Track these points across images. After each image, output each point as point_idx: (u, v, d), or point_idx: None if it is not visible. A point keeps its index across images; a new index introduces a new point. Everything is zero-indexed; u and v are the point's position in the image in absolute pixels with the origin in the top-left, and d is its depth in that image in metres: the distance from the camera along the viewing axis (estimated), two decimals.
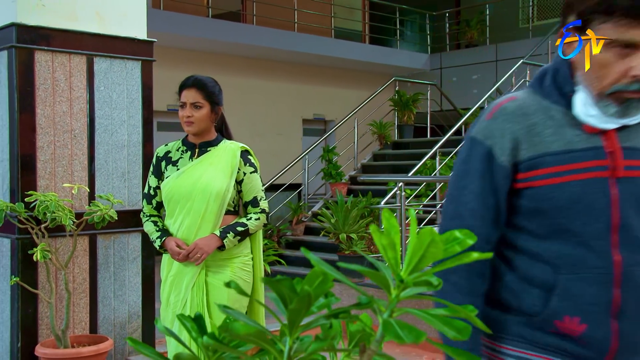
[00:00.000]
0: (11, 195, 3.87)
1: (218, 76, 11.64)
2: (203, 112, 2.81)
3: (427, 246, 0.64)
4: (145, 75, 4.29)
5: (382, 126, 9.54)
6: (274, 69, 11.44)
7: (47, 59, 3.91)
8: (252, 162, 2.87)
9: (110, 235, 4.16)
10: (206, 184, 2.76)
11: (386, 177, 6.91)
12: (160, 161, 2.92)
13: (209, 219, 2.75)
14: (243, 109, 11.02)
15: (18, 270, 3.81)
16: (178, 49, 10.01)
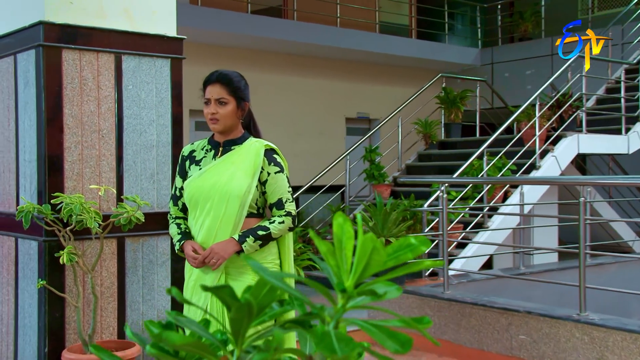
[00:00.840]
0: (38, 197, 3.94)
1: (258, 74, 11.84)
2: (228, 109, 2.78)
3: (369, 254, 0.60)
4: (174, 73, 4.32)
5: (428, 125, 9.43)
6: (316, 66, 11.43)
7: (74, 57, 3.97)
8: (277, 161, 2.82)
9: (138, 238, 4.19)
10: (225, 184, 2.73)
11: (427, 179, 6.80)
12: (185, 161, 2.92)
13: (228, 221, 2.72)
14: (283, 108, 11.04)
15: (45, 274, 3.87)
16: (217, 46, 10.09)
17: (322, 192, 8.85)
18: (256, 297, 0.67)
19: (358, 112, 12.22)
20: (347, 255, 0.61)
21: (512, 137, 8.11)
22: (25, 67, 4.05)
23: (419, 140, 9.65)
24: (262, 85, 10.75)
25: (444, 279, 5.25)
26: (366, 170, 8.74)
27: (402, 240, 0.65)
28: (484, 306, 4.81)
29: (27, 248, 4.06)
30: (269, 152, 2.83)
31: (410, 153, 9.76)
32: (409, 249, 0.64)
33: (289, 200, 2.81)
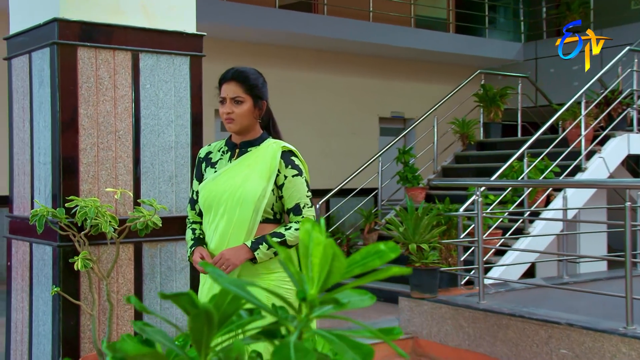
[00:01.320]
0: (53, 200, 3.97)
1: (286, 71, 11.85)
2: (244, 108, 2.76)
3: (331, 261, 0.58)
4: (194, 71, 4.32)
5: (465, 125, 9.32)
6: (348, 62, 11.39)
7: (90, 55, 3.99)
8: (295, 164, 2.80)
9: (156, 244, 4.20)
10: (238, 187, 2.72)
11: (462, 181, 6.71)
12: (201, 162, 2.92)
13: (241, 226, 2.70)
14: (313, 107, 11.03)
15: (59, 280, 3.90)
16: (243, 42, 10.13)
17: (353, 195, 8.81)
18: (219, 305, 0.65)
19: (392, 111, 12.15)
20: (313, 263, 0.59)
21: (555, 137, 7.96)
22: (40, 65, 4.09)
23: (456, 141, 9.55)
24: (290, 83, 10.76)
25: (479, 288, 5.16)
26: (399, 173, 8.68)
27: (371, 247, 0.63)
28: (522, 317, 4.72)
29: (41, 253, 4.10)
30: (287, 154, 2.81)
31: (446, 154, 9.66)
32: (377, 256, 0.62)
33: (307, 206, 2.78)
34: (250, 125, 2.82)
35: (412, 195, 8.38)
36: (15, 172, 4.42)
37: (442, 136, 9.42)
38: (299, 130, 10.74)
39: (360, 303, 0.66)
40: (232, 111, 2.75)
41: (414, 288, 5.33)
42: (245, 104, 2.77)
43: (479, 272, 5.16)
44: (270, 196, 2.74)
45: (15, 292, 4.40)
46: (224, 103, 2.77)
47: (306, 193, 2.80)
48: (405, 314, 5.42)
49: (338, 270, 0.59)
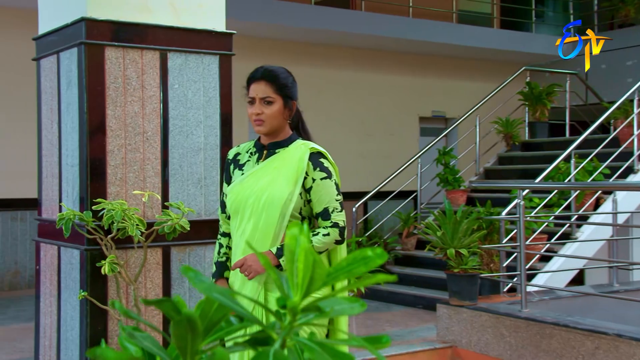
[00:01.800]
0: (80, 203, 4.06)
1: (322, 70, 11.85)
2: (274, 109, 2.76)
3: (312, 267, 0.60)
4: (223, 70, 4.38)
5: (510, 124, 9.24)
6: (386, 60, 11.39)
7: (117, 55, 4.08)
8: (324, 166, 2.78)
9: (185, 247, 4.27)
10: (264, 190, 2.73)
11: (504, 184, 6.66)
12: (230, 165, 2.94)
13: (266, 231, 2.71)
14: (350, 107, 11.04)
15: (87, 284, 3.99)
16: (275, 40, 10.19)
17: (392, 198, 8.80)
18: (206, 312, 0.67)
19: (433, 110, 12.10)
20: (299, 269, 0.61)
21: (605, 137, 7.84)
22: (68, 66, 4.19)
23: (499, 141, 9.46)
24: (326, 82, 10.79)
25: (521, 295, 5.12)
26: (439, 175, 8.64)
27: (358, 253, 0.65)
28: (566, 327, 4.67)
29: (69, 257, 4.20)
30: (315, 156, 2.79)
31: (489, 155, 9.58)
32: (363, 262, 0.64)
33: (336, 210, 2.76)
34: (279, 127, 2.82)
35: (452, 198, 8.34)
36: (44, 175, 4.54)
37: (485, 136, 9.35)
38: (335, 131, 10.76)
39: (349, 311, 0.68)
40: (262, 112, 2.75)
41: (452, 295, 5.31)
42: (275, 105, 2.77)
43: (521, 279, 5.12)
44: (298, 200, 2.74)
45: (44, 297, 4.51)
46: (253, 103, 2.77)
47: (335, 197, 2.78)
48: (444, 322, 5.40)
49: (320, 276, 0.61)
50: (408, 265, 8.09)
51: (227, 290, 0.67)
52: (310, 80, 10.50)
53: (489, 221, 6.55)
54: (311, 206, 2.79)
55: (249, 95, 2.79)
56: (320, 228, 2.74)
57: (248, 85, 2.81)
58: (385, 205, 9.09)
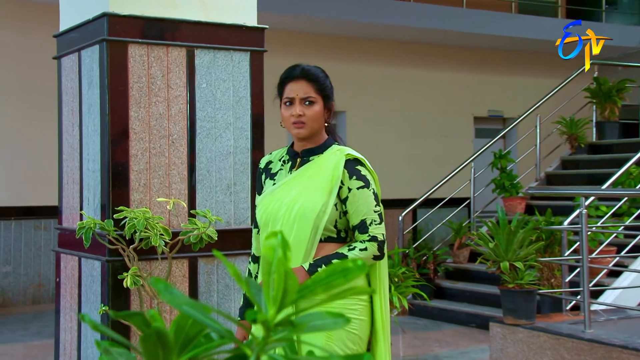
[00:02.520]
0: (102, 211, 4.13)
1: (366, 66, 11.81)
2: (316, 109, 2.76)
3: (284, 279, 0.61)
4: (255, 68, 4.41)
5: (574, 124, 9.11)
6: (436, 55, 11.33)
7: (141, 53, 4.14)
8: (361, 174, 2.76)
9: (213, 259, 4.31)
10: (295, 202, 2.72)
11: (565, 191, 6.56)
12: (261, 174, 2.95)
13: (298, 246, 2.70)
14: (397, 106, 11.01)
15: (108, 298, 4.05)
16: (313, 35, 10.23)
17: (443, 206, 8.75)
18: (182, 327, 0.68)
19: (489, 109, 11.99)
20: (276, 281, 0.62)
21: None
22: (90, 64, 4.28)
23: (563, 143, 9.34)
24: (370, 80, 10.79)
25: (584, 314, 5.04)
26: (495, 180, 8.56)
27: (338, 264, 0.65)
28: (636, 350, 4.58)
29: (89, 269, 4.27)
30: (351, 163, 2.77)
31: (551, 159, 9.46)
32: (342, 274, 0.64)
33: (374, 222, 2.72)
34: (319, 130, 2.82)
35: (509, 206, 8.25)
36: (65, 181, 4.63)
37: (546, 138, 9.24)
38: (380, 134, 10.75)
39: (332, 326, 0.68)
40: (303, 113, 2.75)
41: (507, 313, 5.25)
42: (316, 105, 2.77)
43: (584, 296, 5.04)
44: (333, 212, 2.72)
45: (64, 311, 4.60)
46: (292, 104, 2.77)
47: (374, 208, 2.75)
48: (497, 343, 5.34)
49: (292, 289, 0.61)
50: (460, 280, 8.03)
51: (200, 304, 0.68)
52: (352, 78, 10.51)
53: (550, 232, 6.47)
54: (347, 218, 2.76)
55: (286, 96, 2.78)
56: (357, 242, 2.72)
57: (283, 85, 2.81)
58: (435, 214, 9.04)
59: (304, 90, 2.77)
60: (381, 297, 2.81)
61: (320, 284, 0.65)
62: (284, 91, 2.81)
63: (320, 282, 0.66)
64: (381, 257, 2.76)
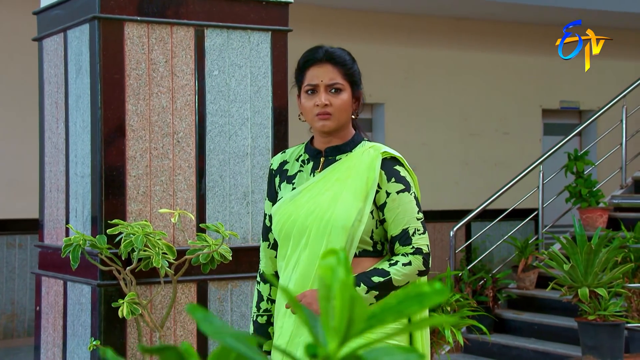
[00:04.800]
0: (92, 225, 4.19)
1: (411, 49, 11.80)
2: (344, 98, 2.81)
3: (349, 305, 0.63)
4: (277, 52, 4.45)
5: None
6: (496, 34, 11.31)
7: (140, 33, 4.20)
8: (400, 175, 2.81)
9: (226, 283, 4.34)
10: (326, 210, 2.76)
11: None
12: (274, 177, 2.99)
13: None
14: (447, 97, 11.00)
15: (100, 331, 4.10)
16: (346, 10, 10.25)
17: (504, 219, 8.72)
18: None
19: (562, 100, 11.93)
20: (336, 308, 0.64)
21: None
22: (78, 47, 4.34)
23: None
24: (415, 64, 10.79)
25: None
26: (569, 187, 8.51)
27: (412, 288, 0.67)
28: None
29: (77, 295, 4.33)
30: (389, 163, 2.83)
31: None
32: (416, 300, 0.66)
33: (418, 232, 2.78)
34: (346, 123, 2.87)
35: (587, 219, 8.20)
36: (47, 189, 4.69)
37: (634, 135, 9.17)
38: (428, 131, 10.73)
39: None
40: (330, 102, 2.79)
41: (587, 351, 5.23)
42: (344, 93, 2.82)
43: None
44: (369, 220, 2.77)
45: (45, 347, 4.65)
46: (315, 92, 2.81)
47: (416, 215, 2.81)
48: None
49: (360, 317, 0.64)
50: (526, 310, 7.99)
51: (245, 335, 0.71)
52: (393, 63, 10.51)
53: (638, 251, 6.43)
54: (385, 228, 2.82)
55: (308, 83, 2.83)
56: (399, 256, 2.77)
57: (303, 70, 2.86)
58: (494, 228, 9.01)
59: (329, 75, 2.81)
60: None
61: (390, 311, 0.67)
62: (304, 77, 2.85)
63: (390, 310, 0.67)
64: (426, 273, 2.81)
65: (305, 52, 2.89)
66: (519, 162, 10.48)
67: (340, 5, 10.18)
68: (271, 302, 2.98)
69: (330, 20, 10.10)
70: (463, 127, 11.10)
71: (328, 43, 2.98)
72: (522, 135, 11.51)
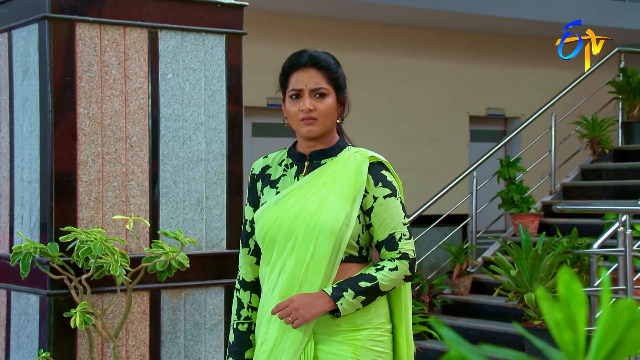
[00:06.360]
0: (41, 232, 4.08)
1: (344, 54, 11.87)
2: (329, 103, 2.83)
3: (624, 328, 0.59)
4: (232, 55, 4.42)
5: (597, 125, 9.24)
6: (425, 41, 11.42)
7: (93, 34, 4.11)
8: (387, 180, 2.84)
9: (179, 291, 4.28)
10: (312, 214, 2.76)
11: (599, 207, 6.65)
12: (256, 182, 2.97)
13: (317, 267, 2.74)
14: (379, 103, 11.06)
15: (49, 342, 4.00)
16: (282, 16, 10.23)
17: (437, 225, 8.78)
18: None
19: (488, 107, 12.11)
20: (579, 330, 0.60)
21: None
22: (25, 48, 4.22)
23: (583, 148, 9.45)
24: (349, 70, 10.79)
25: None
26: (502, 193, 8.62)
27: None
28: None
29: (23, 305, 4.21)
30: (376, 168, 2.85)
31: (568, 167, 9.58)
32: None
33: (404, 237, 2.81)
34: (331, 128, 2.89)
35: (519, 224, 8.32)
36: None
37: (562, 142, 9.35)
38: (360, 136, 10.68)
39: None
40: (315, 107, 2.80)
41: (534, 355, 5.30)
42: (329, 98, 2.84)
43: None
44: (355, 225, 2.78)
45: None
46: (300, 97, 2.82)
47: (403, 220, 2.83)
48: None
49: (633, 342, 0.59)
50: (461, 315, 8.06)
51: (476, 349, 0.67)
52: None
53: (576, 257, 6.55)
54: (371, 232, 2.83)
55: (292, 88, 2.84)
56: (385, 261, 2.79)
57: (287, 75, 2.87)
58: (428, 235, 9.07)
59: (314, 80, 2.83)
60: (407, 328, 2.90)
61: None
62: (288, 82, 2.87)
63: None
64: (412, 278, 2.85)
65: (290, 56, 2.91)
66: (447, 168, 10.60)
67: (304, 13, 10.16)
68: (252, 309, 2.94)
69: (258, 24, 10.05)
70: (393, 133, 11.16)
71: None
72: (450, 141, 11.63)
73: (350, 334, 2.77)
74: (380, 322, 2.82)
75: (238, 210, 4.40)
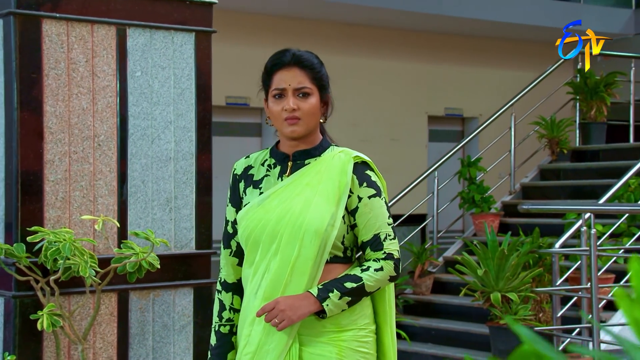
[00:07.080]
0: (7, 233, 4.02)
1: None
2: (313, 102, 2.83)
3: None
4: (201, 53, 4.41)
5: (555, 126, 9.32)
6: (384, 40, 11.44)
7: (60, 31, 4.07)
8: (371, 180, 2.85)
9: (147, 292, 4.25)
10: (297, 215, 2.75)
11: (565, 207, 6.71)
12: (238, 182, 2.95)
13: (302, 268, 2.74)
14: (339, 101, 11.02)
15: (14, 345, 3.94)
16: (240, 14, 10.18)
17: (398, 225, 8.81)
18: None
19: (446, 107, 12.17)
20: None
21: None
22: None
23: (542, 149, 9.54)
24: None
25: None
26: (463, 193, 8.67)
27: None
28: None
29: None
30: (360, 168, 2.85)
31: (527, 167, 9.66)
32: None
33: (389, 237, 2.82)
34: (315, 127, 2.88)
35: (480, 224, 8.36)
36: None
37: (522, 142, 9.42)
38: None
39: None
40: (298, 107, 2.79)
41: (499, 355, 5.33)
42: (312, 97, 2.83)
43: (594, 334, 5.15)
44: (340, 225, 2.78)
45: None
46: (283, 96, 2.81)
47: (387, 220, 2.85)
48: None
49: None
50: (423, 315, 8.08)
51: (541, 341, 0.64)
52: None
53: (538, 257, 6.59)
54: (355, 233, 2.83)
55: (276, 87, 2.82)
56: (370, 261, 2.79)
57: (270, 74, 2.85)
58: None
59: (297, 79, 2.82)
60: (391, 328, 2.92)
61: None
62: (272, 81, 2.85)
63: None
64: (397, 278, 2.87)
65: (272, 55, 2.89)
66: (406, 168, 10.64)
67: (267, 12, 10.11)
68: (234, 311, 2.92)
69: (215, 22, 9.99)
70: (352, 133, 11.16)
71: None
72: (409, 141, 11.66)
73: (335, 335, 2.78)
74: (364, 323, 2.82)
75: (207, 210, 4.38)
